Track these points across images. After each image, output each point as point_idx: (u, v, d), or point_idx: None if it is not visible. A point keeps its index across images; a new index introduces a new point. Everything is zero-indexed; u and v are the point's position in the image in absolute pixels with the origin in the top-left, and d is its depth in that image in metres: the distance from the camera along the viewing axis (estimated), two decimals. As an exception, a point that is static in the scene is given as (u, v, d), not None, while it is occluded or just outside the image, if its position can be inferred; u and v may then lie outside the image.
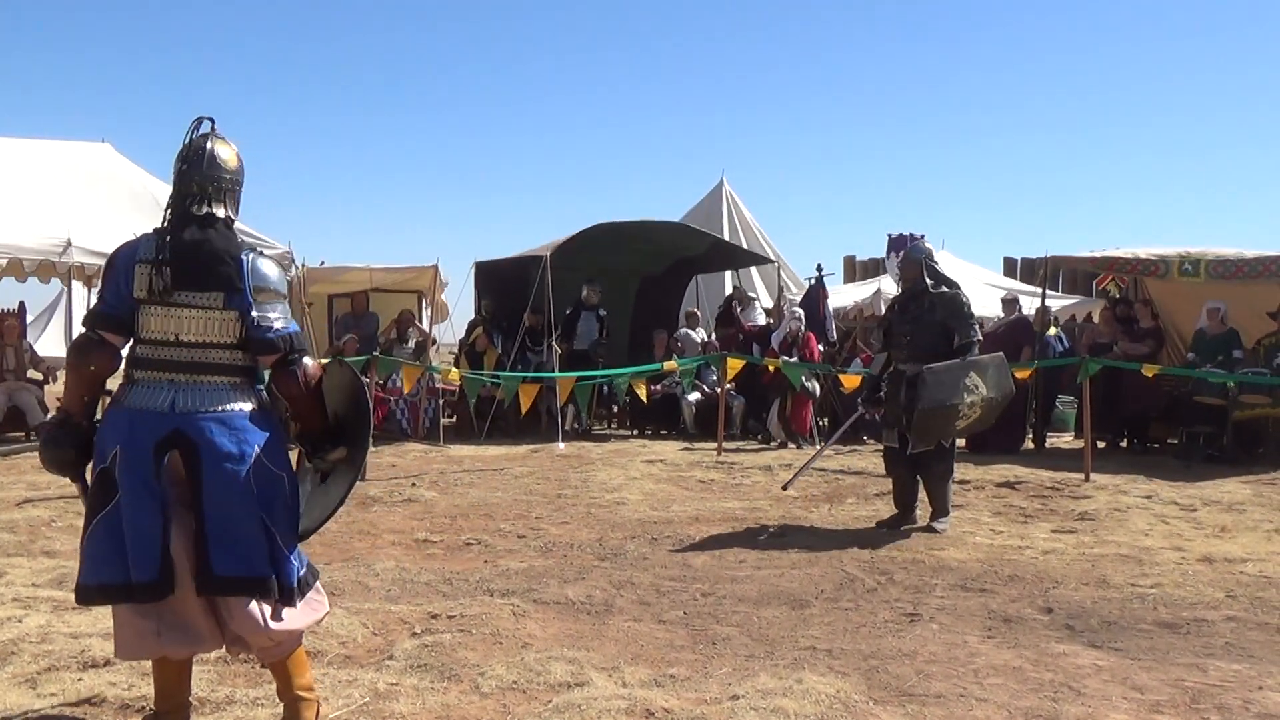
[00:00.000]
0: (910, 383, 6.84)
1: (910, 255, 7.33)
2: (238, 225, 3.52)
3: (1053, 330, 12.63)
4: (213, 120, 3.43)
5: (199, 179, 3.36)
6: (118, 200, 11.88)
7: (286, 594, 3.26)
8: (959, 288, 7.22)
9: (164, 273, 3.23)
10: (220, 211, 3.38)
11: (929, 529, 7.00)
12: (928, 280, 7.08)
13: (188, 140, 3.40)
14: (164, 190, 12.33)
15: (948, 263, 16.36)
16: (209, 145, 3.38)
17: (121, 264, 3.29)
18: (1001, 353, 7.49)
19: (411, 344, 13.59)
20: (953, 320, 6.98)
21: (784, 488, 8.10)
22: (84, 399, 3.32)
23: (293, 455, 3.46)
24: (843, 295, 16.14)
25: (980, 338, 7.21)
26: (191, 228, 3.32)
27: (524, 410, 12.03)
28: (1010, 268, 18.95)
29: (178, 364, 3.27)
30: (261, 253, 3.43)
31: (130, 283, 3.26)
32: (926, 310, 7.04)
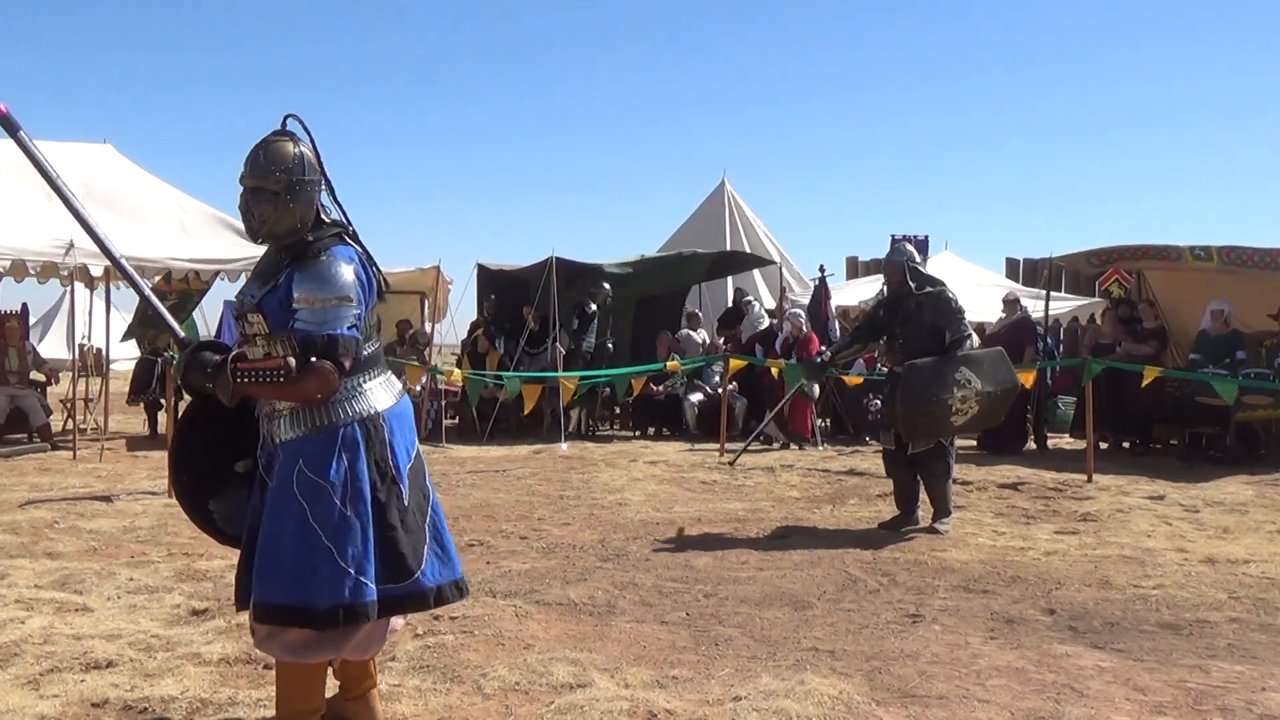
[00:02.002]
0: (894, 381, 6.87)
1: (891, 258, 7.27)
2: (240, 232, 3.57)
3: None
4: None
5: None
6: (120, 201, 11.88)
7: None
8: (944, 285, 7.19)
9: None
10: None
11: (931, 530, 6.99)
12: (910, 283, 7.08)
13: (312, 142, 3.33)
14: (166, 191, 12.45)
15: (950, 264, 16.43)
16: None
17: (366, 274, 3.25)
18: (1000, 348, 7.47)
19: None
20: (941, 319, 6.97)
21: (730, 464, 7.76)
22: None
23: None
24: (845, 295, 16.14)
25: (971, 333, 7.20)
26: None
27: (527, 410, 12.02)
28: (1013, 269, 18.94)
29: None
30: None
31: (374, 289, 3.29)
32: (914, 310, 7.03)
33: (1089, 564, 6.15)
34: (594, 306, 13.58)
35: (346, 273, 3.15)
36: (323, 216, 3.29)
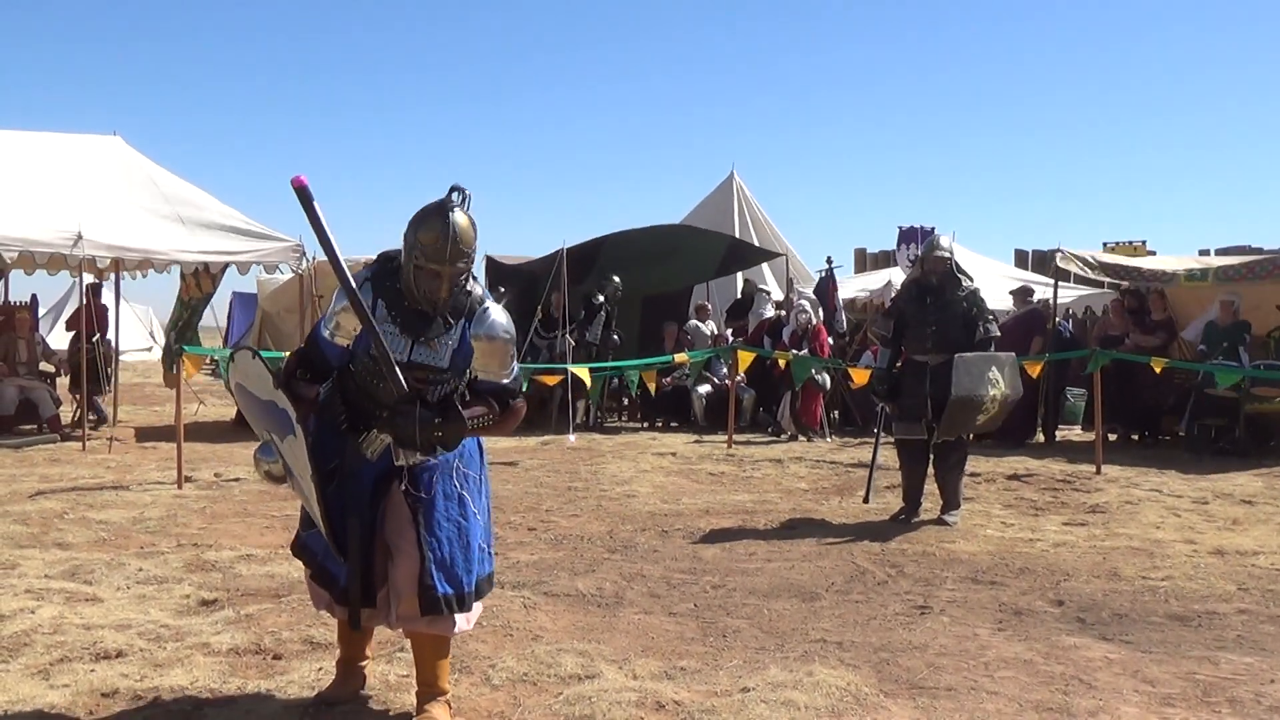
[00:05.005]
0: (936, 372, 6.85)
1: (938, 253, 7.18)
2: (248, 224, 3.62)
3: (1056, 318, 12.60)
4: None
5: None
6: (128, 193, 11.89)
7: None
8: (974, 281, 7.26)
9: None
10: None
11: (940, 522, 6.98)
12: (960, 276, 7.11)
13: None
14: (174, 183, 12.45)
15: (958, 256, 16.31)
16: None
17: None
18: (1013, 353, 7.47)
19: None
20: (980, 316, 7.02)
21: (865, 501, 7.73)
22: None
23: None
24: (852, 287, 16.10)
25: (999, 333, 7.21)
26: None
27: (537, 384, 11.88)
28: (1021, 260, 18.87)
29: None
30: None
31: None
32: (951, 303, 7.02)
33: (1097, 556, 6.14)
34: (602, 298, 13.57)
35: (504, 316, 3.44)
36: None
